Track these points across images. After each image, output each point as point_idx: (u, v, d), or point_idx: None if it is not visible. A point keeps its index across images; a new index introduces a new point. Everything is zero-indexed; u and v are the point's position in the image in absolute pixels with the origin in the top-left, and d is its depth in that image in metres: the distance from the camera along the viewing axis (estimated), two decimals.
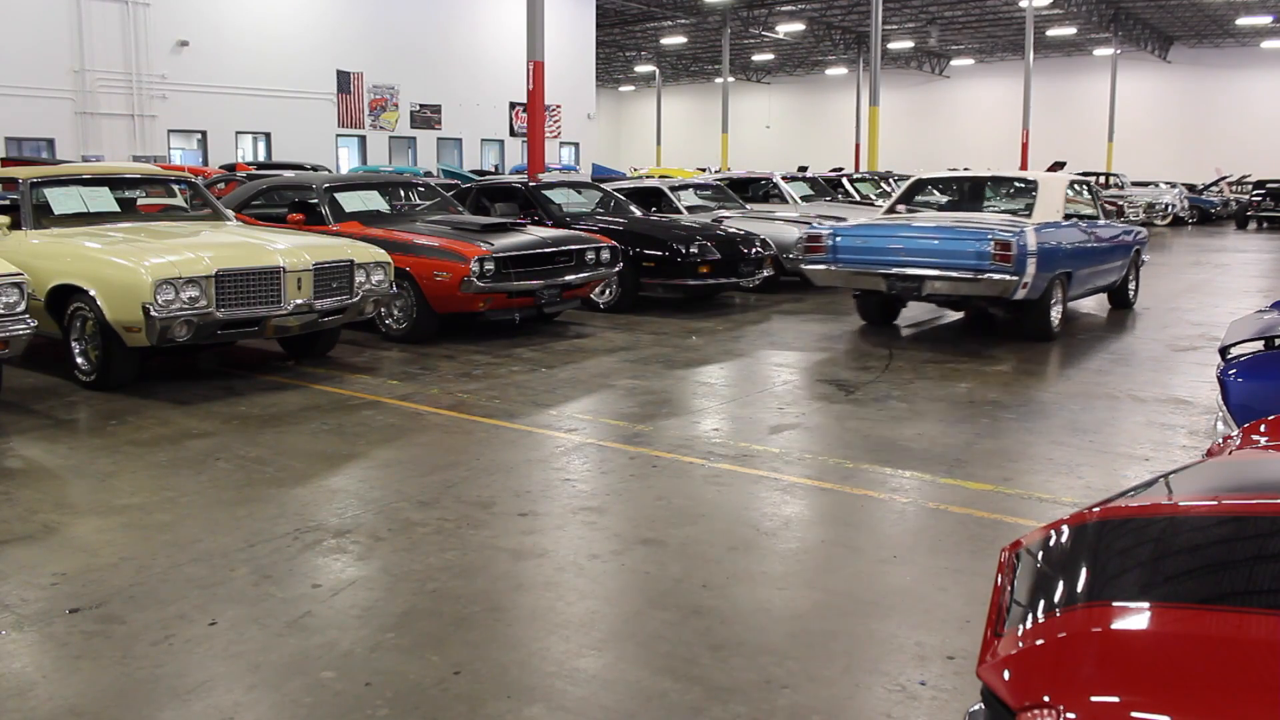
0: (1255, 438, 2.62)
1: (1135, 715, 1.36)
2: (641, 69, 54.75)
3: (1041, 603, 1.67)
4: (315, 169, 19.49)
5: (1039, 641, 1.57)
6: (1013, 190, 10.39)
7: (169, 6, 24.28)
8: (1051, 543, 1.84)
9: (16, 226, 7.17)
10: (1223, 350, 4.24)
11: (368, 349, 8.35)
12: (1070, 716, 1.39)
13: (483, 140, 32.92)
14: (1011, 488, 4.88)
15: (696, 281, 10.35)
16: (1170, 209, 28.06)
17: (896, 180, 20.14)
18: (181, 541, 4.07)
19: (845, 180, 17.92)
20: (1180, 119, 45.43)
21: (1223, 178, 34.20)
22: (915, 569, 3.87)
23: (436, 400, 6.58)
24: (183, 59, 24.71)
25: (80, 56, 22.90)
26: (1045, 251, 8.53)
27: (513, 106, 32.76)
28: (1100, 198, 10.77)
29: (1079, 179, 10.43)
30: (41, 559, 3.88)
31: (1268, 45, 42.04)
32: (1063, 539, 1.83)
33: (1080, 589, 1.64)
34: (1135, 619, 1.53)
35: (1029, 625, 1.63)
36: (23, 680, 2.99)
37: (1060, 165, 30.48)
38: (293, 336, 7.32)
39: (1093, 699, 1.41)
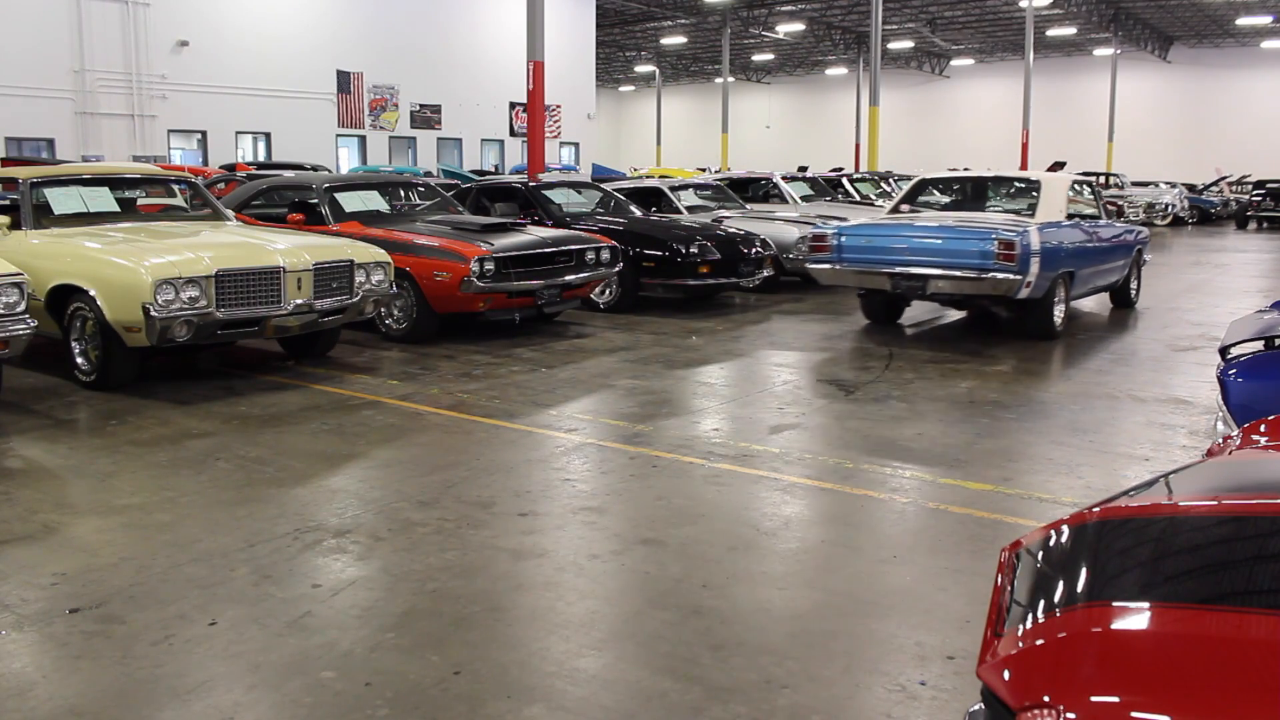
0: (1255, 438, 2.62)
1: (1135, 715, 1.36)
2: (641, 69, 54.76)
3: (1041, 603, 1.67)
4: (315, 169, 19.50)
5: (1039, 641, 1.57)
6: (1016, 190, 10.42)
7: (169, 6, 24.29)
8: (1051, 543, 1.84)
9: (16, 226, 7.17)
10: (1223, 350, 4.24)
11: (368, 349, 8.35)
12: (1070, 716, 1.39)
13: (483, 140, 32.93)
14: (1011, 488, 4.88)
15: (696, 281, 10.35)
16: (1170, 209, 28.07)
17: (896, 180, 20.13)
18: (181, 541, 4.07)
19: (845, 180, 17.92)
20: (1180, 119, 45.44)
21: (1223, 178, 34.20)
22: (915, 569, 3.87)
23: (436, 400, 6.58)
24: (183, 59, 24.72)
25: (80, 56, 22.91)
26: (1048, 251, 8.57)
27: (513, 106, 32.77)
28: (1102, 198, 10.81)
29: (1081, 179, 10.45)
30: (41, 559, 3.88)
31: (1268, 45, 42.05)
32: (1063, 539, 1.83)
33: (1080, 589, 1.64)
34: (1135, 619, 1.53)
35: (1029, 625, 1.63)
36: (23, 680, 2.99)
37: (1060, 165, 30.47)
38: (293, 336, 7.32)
39: (1093, 699, 1.41)
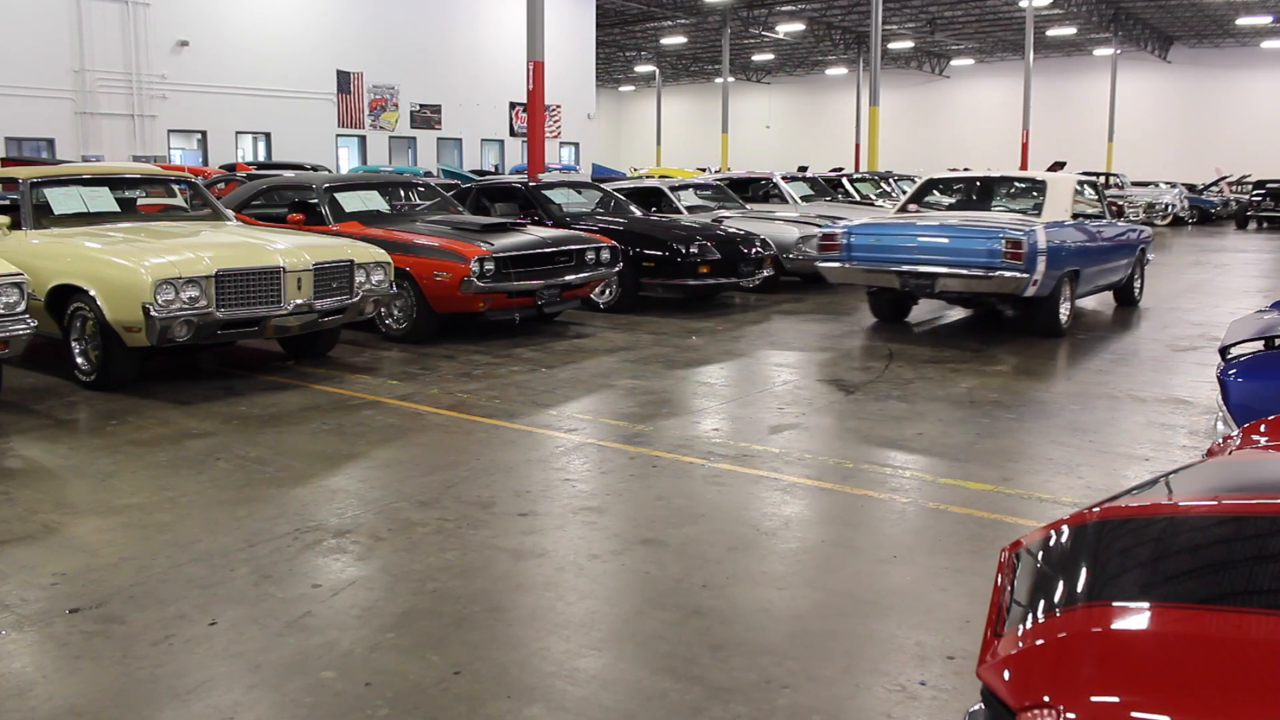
0: (1255, 438, 2.62)
1: (1135, 715, 1.36)
2: (641, 69, 54.76)
3: (1041, 603, 1.67)
4: (315, 169, 19.50)
5: (1039, 641, 1.57)
6: (1022, 190, 10.52)
7: (169, 6, 24.29)
8: (1051, 543, 1.84)
9: (16, 226, 7.17)
10: (1223, 350, 4.24)
11: (368, 349, 8.35)
12: (1070, 716, 1.39)
13: (483, 140, 32.93)
14: (1011, 488, 4.88)
15: (696, 281, 10.35)
16: (1170, 209, 28.07)
17: (896, 180, 20.13)
18: (181, 541, 4.07)
19: (845, 180, 17.92)
20: (1180, 119, 45.45)
21: (1223, 178, 34.20)
22: (915, 569, 3.87)
23: (436, 400, 6.58)
24: (183, 59, 24.72)
25: (80, 56, 22.91)
26: (1054, 250, 8.65)
27: (513, 106, 32.77)
28: (1105, 198, 10.87)
29: (1085, 179, 10.51)
30: (41, 559, 3.88)
31: (1268, 45, 42.05)
32: (1063, 539, 1.83)
33: (1080, 589, 1.64)
34: (1135, 619, 1.53)
35: (1029, 625, 1.63)
36: (23, 680, 2.99)
37: (1060, 165, 30.48)
38: (293, 336, 7.32)
39: (1093, 699, 1.41)
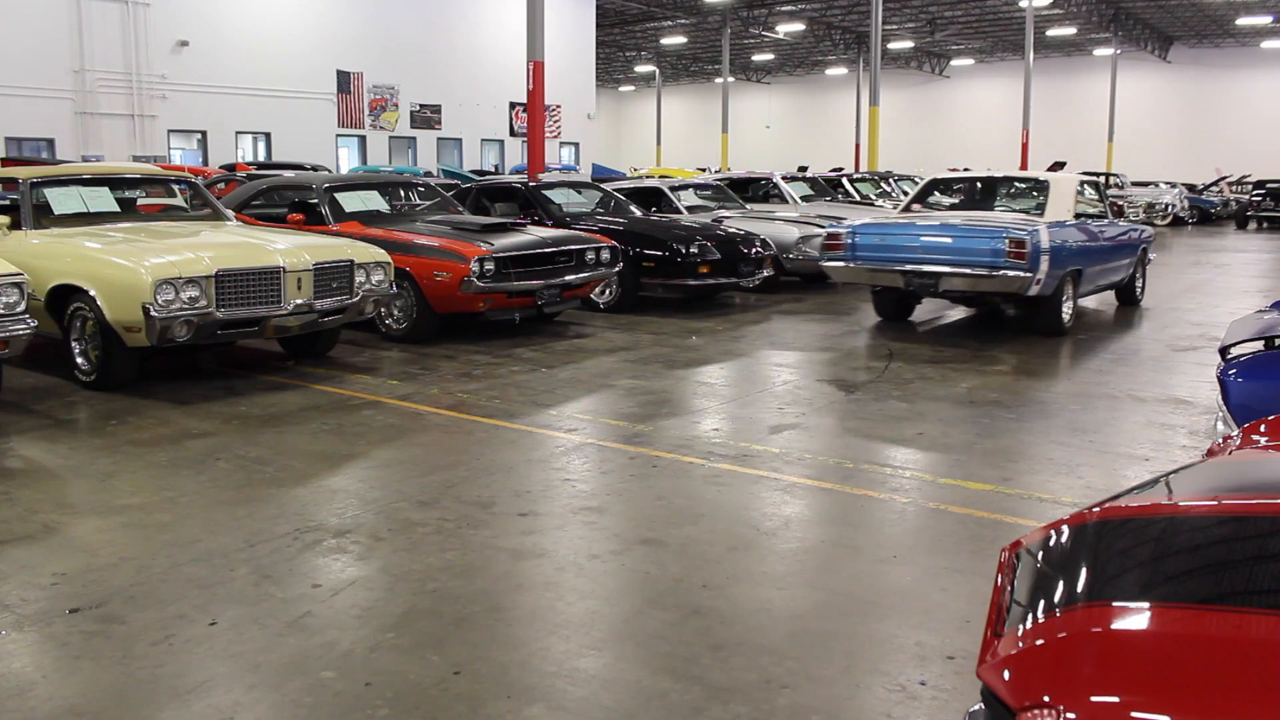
0: (1255, 438, 2.62)
1: (1135, 715, 1.36)
2: (641, 69, 54.75)
3: (1041, 603, 1.67)
4: (315, 169, 19.50)
5: (1039, 641, 1.57)
6: (1025, 190, 10.59)
7: (169, 6, 24.29)
8: (1051, 543, 1.84)
9: (16, 226, 7.17)
10: (1223, 350, 4.24)
11: (368, 349, 8.35)
12: (1070, 716, 1.39)
13: (483, 140, 32.92)
14: (1011, 488, 4.88)
15: (696, 281, 10.35)
16: (1170, 209, 28.07)
17: (896, 180, 20.13)
18: (181, 541, 4.07)
19: (845, 180, 17.92)
20: (1180, 119, 45.44)
21: (1223, 178, 34.20)
22: (915, 569, 3.87)
23: (436, 400, 6.58)
24: (183, 59, 24.71)
25: (80, 56, 22.91)
26: (1057, 250, 8.72)
27: (513, 106, 32.76)
28: (1107, 198, 10.91)
29: (1088, 179, 10.55)
30: (41, 559, 3.88)
31: (1268, 45, 42.05)
32: (1063, 539, 1.83)
33: (1080, 589, 1.64)
34: (1135, 619, 1.53)
35: (1029, 625, 1.63)
36: (23, 680, 2.99)
37: (1060, 165, 30.48)
38: (293, 336, 7.32)
39: (1093, 699, 1.41)
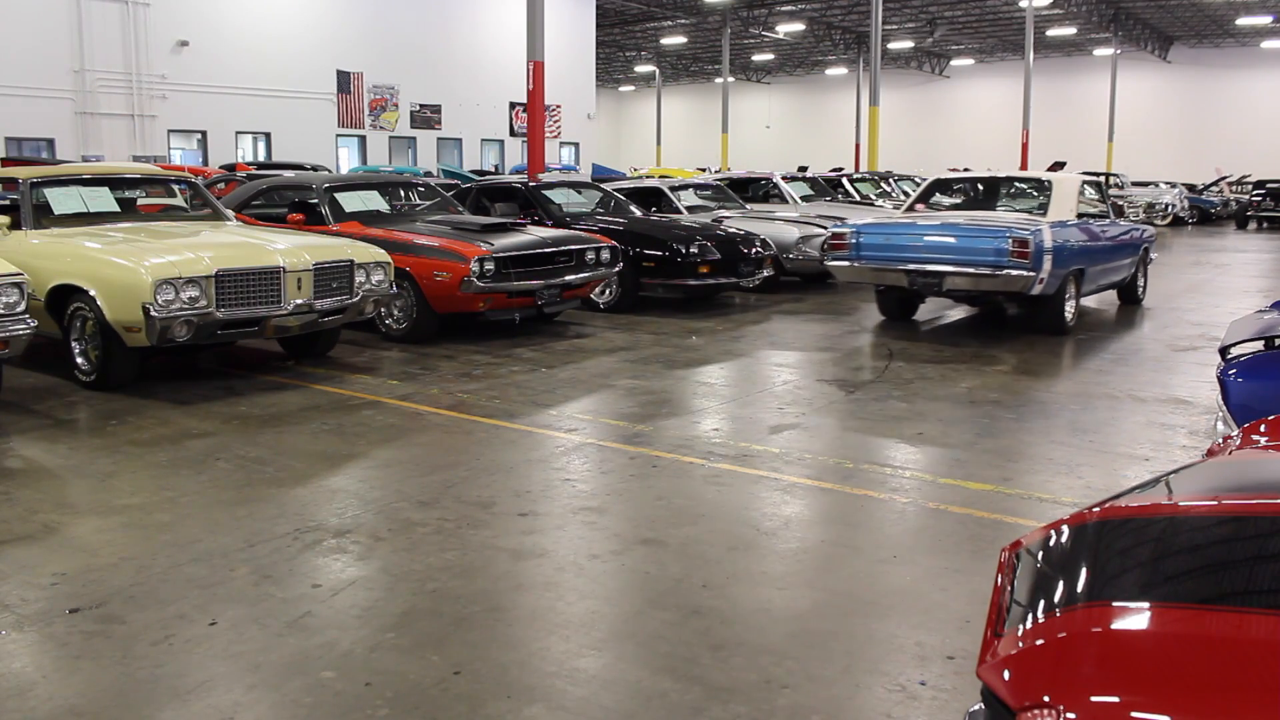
0: (1255, 438, 2.62)
1: (1135, 715, 1.36)
2: (641, 69, 54.74)
3: (1041, 603, 1.67)
4: (315, 169, 19.50)
5: (1039, 641, 1.57)
6: (1028, 190, 10.65)
7: (169, 6, 24.29)
8: (1051, 543, 1.84)
9: (16, 226, 7.17)
10: (1223, 350, 4.24)
11: (368, 349, 8.35)
12: (1070, 716, 1.39)
13: (483, 140, 32.92)
14: (1011, 488, 4.88)
15: (696, 281, 10.35)
16: (1170, 209, 28.08)
17: (896, 180, 20.13)
18: (181, 541, 4.07)
19: (845, 180, 17.92)
20: (1180, 119, 45.44)
21: (1223, 178, 34.20)
22: (915, 569, 3.87)
23: (436, 400, 6.58)
24: (183, 59, 24.71)
25: (80, 56, 22.91)
26: (1060, 249, 8.78)
27: (513, 106, 32.76)
28: (1110, 198, 10.95)
29: (1090, 180, 10.58)
30: (41, 559, 3.88)
31: (1268, 45, 42.05)
32: (1063, 539, 1.83)
33: (1080, 589, 1.64)
34: (1135, 619, 1.53)
35: (1029, 625, 1.63)
36: (23, 680, 2.99)
37: (1060, 165, 30.49)
38: (293, 336, 7.32)
39: (1093, 699, 1.41)
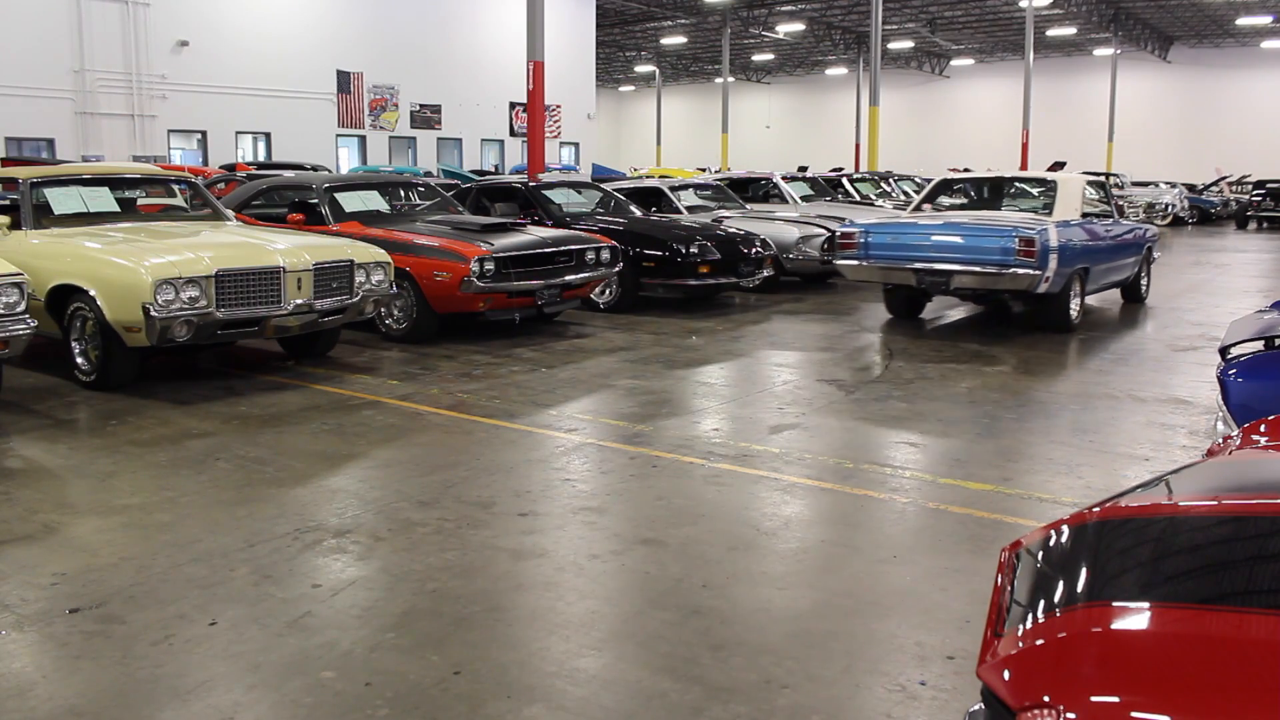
0: (1255, 438, 2.61)
1: (1135, 715, 1.36)
2: (641, 69, 54.74)
3: (1041, 603, 1.67)
4: (315, 169, 19.49)
5: (1039, 641, 1.57)
6: (1033, 190, 10.75)
7: (169, 6, 24.29)
8: (1051, 543, 1.84)
9: (16, 226, 7.17)
10: (1223, 350, 4.24)
11: (368, 349, 8.35)
12: (1070, 716, 1.39)
13: (483, 140, 32.92)
14: (1011, 488, 4.88)
15: (696, 281, 10.35)
16: (1170, 209, 28.08)
17: (896, 180, 20.13)
18: (181, 541, 4.07)
19: (845, 180, 17.92)
20: (1180, 119, 45.44)
21: (1223, 177, 34.20)
22: (915, 569, 3.87)
23: (436, 400, 6.58)
24: (183, 59, 24.71)
25: (80, 56, 22.91)
26: (1065, 248, 8.88)
27: (513, 106, 32.76)
28: (1113, 198, 11.01)
29: (1094, 180, 10.65)
30: (41, 559, 3.88)
31: (1268, 45, 42.04)
32: (1063, 539, 1.83)
33: (1080, 589, 1.64)
34: (1135, 619, 1.53)
35: (1029, 625, 1.63)
36: (23, 680, 2.99)
37: (1060, 165, 30.49)
38: (293, 336, 7.32)
39: (1093, 699, 1.41)
